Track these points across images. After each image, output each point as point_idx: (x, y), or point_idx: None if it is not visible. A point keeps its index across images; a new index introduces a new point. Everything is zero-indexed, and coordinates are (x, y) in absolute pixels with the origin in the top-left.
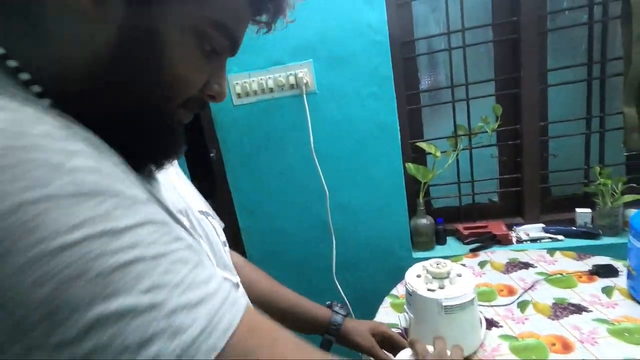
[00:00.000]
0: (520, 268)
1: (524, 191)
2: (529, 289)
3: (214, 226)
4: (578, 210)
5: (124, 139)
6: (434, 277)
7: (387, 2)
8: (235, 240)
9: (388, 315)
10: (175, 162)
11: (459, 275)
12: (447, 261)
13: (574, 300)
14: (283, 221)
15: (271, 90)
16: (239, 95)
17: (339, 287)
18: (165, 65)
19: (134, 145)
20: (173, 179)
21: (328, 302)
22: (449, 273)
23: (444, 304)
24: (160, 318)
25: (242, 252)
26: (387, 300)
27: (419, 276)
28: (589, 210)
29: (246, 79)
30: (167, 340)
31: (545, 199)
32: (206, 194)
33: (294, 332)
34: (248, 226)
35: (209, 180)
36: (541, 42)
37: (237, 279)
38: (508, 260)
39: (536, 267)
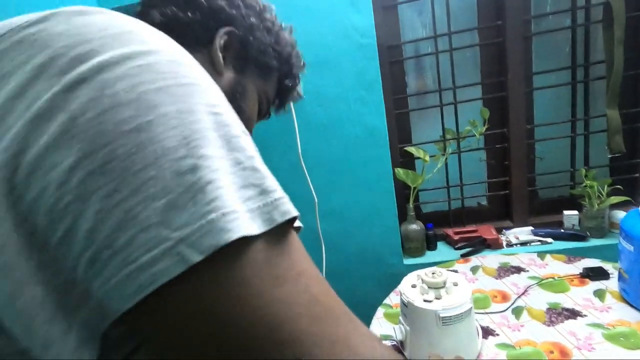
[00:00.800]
0: (512, 272)
1: (512, 194)
2: (523, 294)
3: None
4: (565, 212)
5: None
6: (429, 287)
7: (374, 5)
8: None
9: (382, 327)
10: None
11: (455, 285)
12: (443, 270)
13: (568, 304)
14: None
15: None
16: None
17: None
18: (245, 108)
19: None
20: None
21: None
22: (445, 282)
23: (441, 315)
24: (255, 178)
25: None
26: (381, 311)
27: (414, 286)
28: (575, 212)
29: None
30: (258, 194)
31: (533, 202)
32: None
33: None
34: None
35: None
36: (526, 45)
37: None
38: (500, 265)
39: (528, 271)
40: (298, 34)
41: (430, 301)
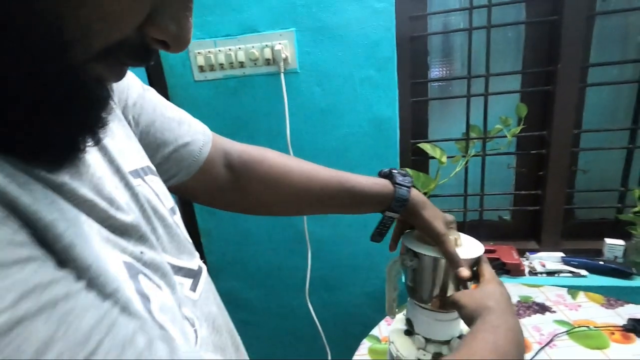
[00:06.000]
0: (535, 311)
1: (543, 210)
2: (547, 344)
3: (154, 190)
4: (607, 240)
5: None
6: (428, 342)
7: None
8: (194, 245)
9: None
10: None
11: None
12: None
13: None
14: (249, 225)
15: (241, 64)
16: (201, 69)
17: (311, 308)
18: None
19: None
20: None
21: (385, 171)
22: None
23: None
24: None
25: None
26: (365, 344)
27: (408, 333)
28: (621, 242)
29: (211, 48)
30: None
31: (568, 223)
32: None
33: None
34: (208, 228)
35: None
36: (587, 27)
37: (195, 263)
38: (519, 299)
39: (555, 311)
40: None
41: None
